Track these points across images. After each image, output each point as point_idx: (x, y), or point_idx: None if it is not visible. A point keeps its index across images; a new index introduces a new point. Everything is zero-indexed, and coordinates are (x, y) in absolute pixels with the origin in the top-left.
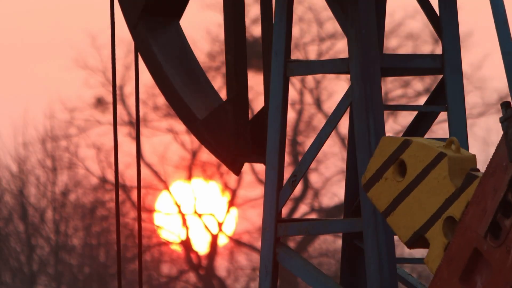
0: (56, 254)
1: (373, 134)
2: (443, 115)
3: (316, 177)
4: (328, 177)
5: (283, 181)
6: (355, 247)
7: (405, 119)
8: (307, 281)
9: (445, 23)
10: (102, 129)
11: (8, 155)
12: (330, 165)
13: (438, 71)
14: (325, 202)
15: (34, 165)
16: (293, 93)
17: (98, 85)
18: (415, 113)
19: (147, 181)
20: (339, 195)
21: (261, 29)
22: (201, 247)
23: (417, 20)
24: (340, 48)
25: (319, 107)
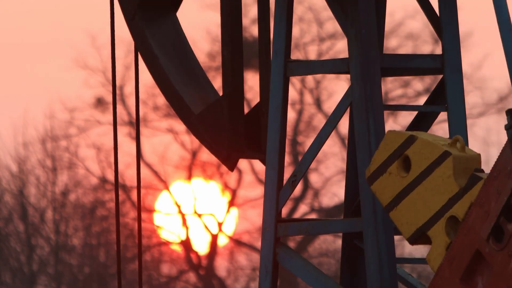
0: (56, 254)
1: (373, 134)
2: (443, 115)
3: (316, 177)
4: (328, 177)
5: (283, 181)
6: (355, 247)
7: (405, 119)
8: (307, 281)
9: (445, 23)
10: (102, 129)
11: (8, 155)
12: (330, 165)
13: (438, 71)
14: (325, 202)
15: (34, 165)
16: (293, 93)
17: (98, 85)
18: (415, 113)
19: (147, 181)
20: (339, 195)
21: (258, 29)
22: (201, 247)
23: (417, 20)
24: (340, 48)
25: (319, 107)
